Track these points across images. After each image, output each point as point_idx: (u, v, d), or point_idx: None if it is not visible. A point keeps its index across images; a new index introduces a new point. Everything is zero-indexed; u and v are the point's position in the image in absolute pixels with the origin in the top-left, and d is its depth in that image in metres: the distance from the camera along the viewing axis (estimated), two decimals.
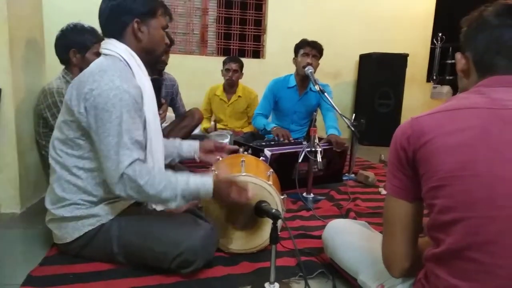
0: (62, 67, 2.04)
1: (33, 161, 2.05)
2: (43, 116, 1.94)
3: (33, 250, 1.52)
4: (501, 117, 0.81)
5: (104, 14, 1.37)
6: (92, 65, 1.36)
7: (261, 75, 4.09)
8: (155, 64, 1.49)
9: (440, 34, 4.86)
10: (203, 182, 1.31)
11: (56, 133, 1.39)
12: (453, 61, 4.67)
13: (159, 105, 2.12)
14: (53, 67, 2.18)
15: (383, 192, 2.49)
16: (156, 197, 1.26)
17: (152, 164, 1.39)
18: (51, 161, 1.39)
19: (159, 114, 2.05)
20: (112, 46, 1.36)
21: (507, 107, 0.81)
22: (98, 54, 1.98)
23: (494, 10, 0.88)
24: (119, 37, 1.38)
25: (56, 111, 1.87)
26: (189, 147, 1.74)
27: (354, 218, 1.90)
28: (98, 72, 1.28)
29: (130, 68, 1.35)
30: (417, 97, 5.19)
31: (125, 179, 1.23)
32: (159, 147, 1.46)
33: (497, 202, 0.76)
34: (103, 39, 2.03)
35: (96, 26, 2.04)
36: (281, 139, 2.68)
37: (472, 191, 0.78)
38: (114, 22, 1.37)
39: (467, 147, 0.80)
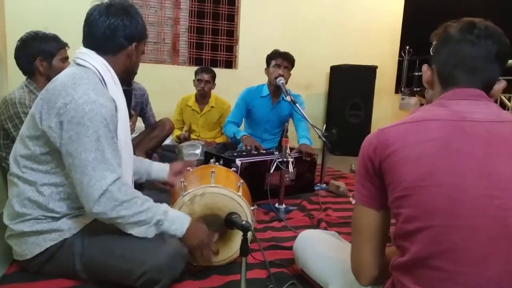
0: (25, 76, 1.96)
1: None
2: (3, 127, 1.85)
3: None
4: (461, 128, 0.84)
5: (100, 29, 1.31)
6: (62, 76, 1.29)
7: (233, 85, 4.09)
8: (128, 83, 1.47)
9: (407, 47, 5.03)
10: (180, 218, 1.32)
11: (19, 149, 1.31)
12: (420, 73, 4.83)
13: (129, 116, 2.07)
14: (15, 77, 2.10)
15: (354, 201, 2.51)
16: (133, 218, 1.22)
17: None
18: (11, 177, 1.32)
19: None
20: (88, 57, 1.31)
21: (466, 119, 0.85)
22: (64, 60, 1.93)
23: (458, 26, 0.93)
24: (110, 54, 1.34)
25: (18, 122, 1.79)
26: (159, 170, 1.74)
27: (325, 228, 1.91)
28: (71, 85, 1.22)
29: (104, 82, 1.31)
30: (386, 108, 5.34)
31: (107, 195, 1.18)
32: (128, 166, 1.41)
33: (458, 211, 0.79)
34: (66, 45, 1.98)
35: (60, 34, 2.01)
36: (254, 150, 2.65)
37: (434, 201, 0.80)
38: (111, 40, 1.33)
39: (429, 158, 0.82)
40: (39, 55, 1.90)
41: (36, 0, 3.94)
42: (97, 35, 1.32)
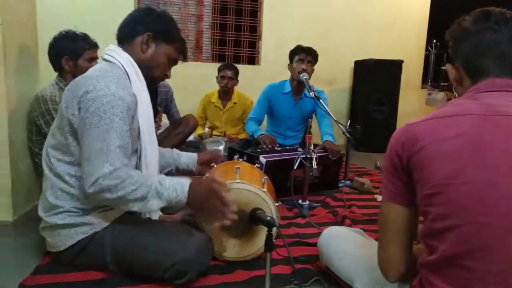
0: (56, 73, 2.03)
1: (26, 168, 2.03)
2: (36, 123, 1.92)
3: (25, 259, 1.51)
4: (494, 123, 0.81)
5: (124, 21, 1.44)
6: (90, 70, 1.39)
7: (256, 81, 4.09)
8: (147, 82, 1.48)
9: (434, 41, 4.90)
10: (179, 182, 1.28)
11: (49, 140, 1.39)
12: None
13: (155, 113, 2.10)
14: (47, 74, 2.18)
15: (379, 198, 2.49)
16: (128, 197, 1.22)
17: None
18: (44, 168, 1.39)
19: (155, 122, 2.05)
20: (114, 53, 1.39)
21: (500, 113, 0.82)
22: (91, 60, 2.00)
23: (472, 18, 0.92)
24: (127, 42, 1.42)
25: (49, 118, 1.86)
26: (187, 159, 1.76)
27: (350, 225, 1.90)
28: (96, 76, 1.29)
29: (128, 77, 1.37)
30: (412, 103, 5.22)
31: (101, 182, 1.20)
32: (153, 158, 1.45)
33: (489, 209, 0.77)
34: (96, 45, 2.05)
35: (90, 32, 2.07)
36: (269, 146, 2.65)
37: (464, 199, 0.79)
38: (129, 27, 1.43)
39: (459, 154, 0.80)
40: (66, 54, 1.97)
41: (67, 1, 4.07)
42: (120, 26, 1.44)
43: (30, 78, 2.09)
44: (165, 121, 3.11)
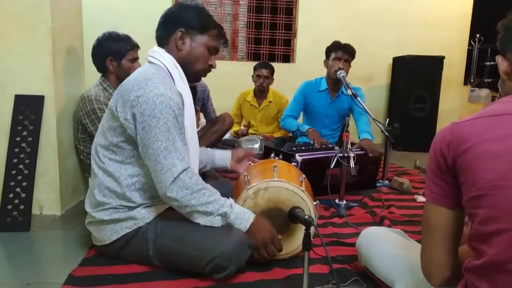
0: (99, 74, 2.11)
1: (72, 165, 2.13)
2: (81, 122, 2.01)
3: (73, 251, 1.59)
4: None
5: (159, 22, 1.46)
6: (135, 73, 1.41)
7: (291, 79, 4.09)
8: (192, 79, 1.50)
9: (477, 35, 4.68)
10: (246, 213, 1.36)
11: (99, 139, 1.44)
12: (492, 63, 4.50)
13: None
14: (91, 75, 2.27)
15: (419, 199, 2.42)
16: (200, 208, 1.29)
17: None
18: (93, 166, 1.44)
19: None
20: (158, 55, 1.42)
21: None
22: (133, 61, 2.06)
23: None
24: (165, 43, 1.45)
25: (94, 117, 1.94)
26: (222, 156, 1.79)
27: (389, 226, 1.85)
28: (143, 80, 1.32)
29: (172, 78, 1.40)
30: (454, 101, 5.02)
31: (178, 184, 1.27)
32: (195, 157, 1.49)
33: None
34: (137, 46, 2.11)
35: (130, 32, 2.14)
36: (317, 145, 2.64)
37: None
38: (162, 28, 1.45)
39: (509, 155, 0.76)
40: (109, 54, 2.04)
41: (109, 4, 4.23)
42: (156, 29, 1.47)
43: (76, 79, 2.19)
44: (202, 120, 3.17)
